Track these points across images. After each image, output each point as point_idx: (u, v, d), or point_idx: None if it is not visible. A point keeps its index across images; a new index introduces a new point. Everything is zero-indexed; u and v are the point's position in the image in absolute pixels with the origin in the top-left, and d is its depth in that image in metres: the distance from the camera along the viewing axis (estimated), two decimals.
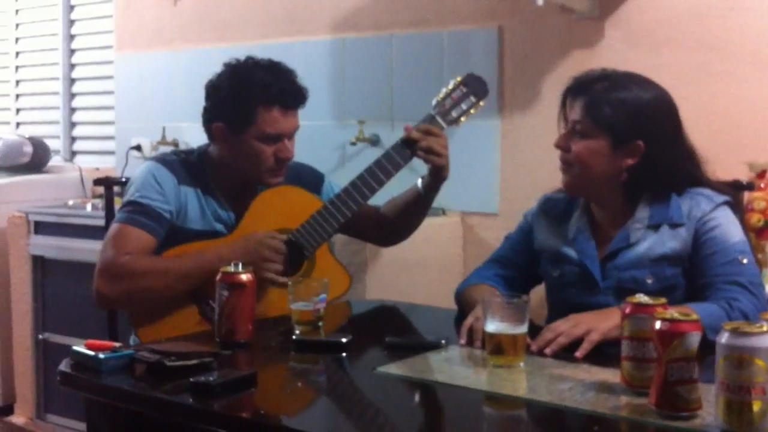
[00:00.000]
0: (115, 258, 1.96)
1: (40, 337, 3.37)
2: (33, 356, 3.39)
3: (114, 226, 2.03)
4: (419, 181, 2.11)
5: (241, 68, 2.08)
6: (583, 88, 1.82)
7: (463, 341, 1.69)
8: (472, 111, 2.10)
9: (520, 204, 2.27)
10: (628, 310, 1.42)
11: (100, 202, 3.31)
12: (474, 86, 2.09)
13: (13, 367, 3.45)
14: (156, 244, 2.01)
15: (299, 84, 2.09)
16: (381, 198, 2.18)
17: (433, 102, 2.09)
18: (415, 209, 2.17)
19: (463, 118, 2.09)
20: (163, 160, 2.10)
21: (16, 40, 4.44)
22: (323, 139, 3.25)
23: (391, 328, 2.04)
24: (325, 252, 2.12)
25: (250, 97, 2.02)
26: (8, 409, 3.49)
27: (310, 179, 2.22)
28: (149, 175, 2.05)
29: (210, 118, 2.09)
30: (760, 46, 2.53)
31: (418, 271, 2.79)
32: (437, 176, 2.06)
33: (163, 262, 1.99)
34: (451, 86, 2.09)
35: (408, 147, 2.04)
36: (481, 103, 2.10)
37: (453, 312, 1.95)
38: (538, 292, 2.00)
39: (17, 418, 3.44)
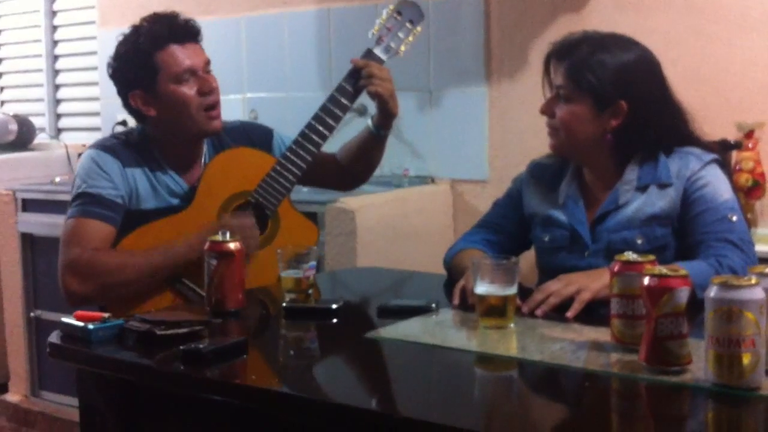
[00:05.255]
0: (81, 254, 1.93)
1: (32, 314, 3.37)
2: (25, 334, 3.38)
3: (70, 222, 1.98)
4: (369, 121, 2.11)
5: (127, 35, 2.06)
6: (564, 52, 1.81)
7: (456, 302, 1.69)
8: (410, 39, 2.06)
9: (510, 171, 2.26)
10: (616, 268, 1.42)
11: None
12: (409, 12, 2.06)
13: (6, 346, 3.45)
14: (115, 232, 1.97)
15: (185, 17, 2.06)
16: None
17: (370, 35, 2.05)
18: (370, 149, 2.15)
19: (402, 47, 2.06)
20: (103, 146, 2.05)
21: None
22: (310, 111, 3.20)
23: (382, 294, 2.04)
24: (288, 207, 2.08)
25: (144, 50, 2.00)
26: (2, 388, 3.49)
27: (258, 136, 2.19)
28: (92, 163, 2.00)
29: (124, 93, 2.05)
30: (749, 7, 2.52)
31: (408, 239, 2.79)
32: (385, 110, 2.05)
33: (132, 256, 1.95)
34: (384, 16, 2.06)
35: (352, 79, 2.02)
36: (419, 29, 2.07)
37: (443, 277, 1.95)
38: (530, 258, 2.00)
39: (12, 396, 3.45)
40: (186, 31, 2.04)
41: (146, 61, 2.00)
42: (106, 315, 1.57)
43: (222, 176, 2.05)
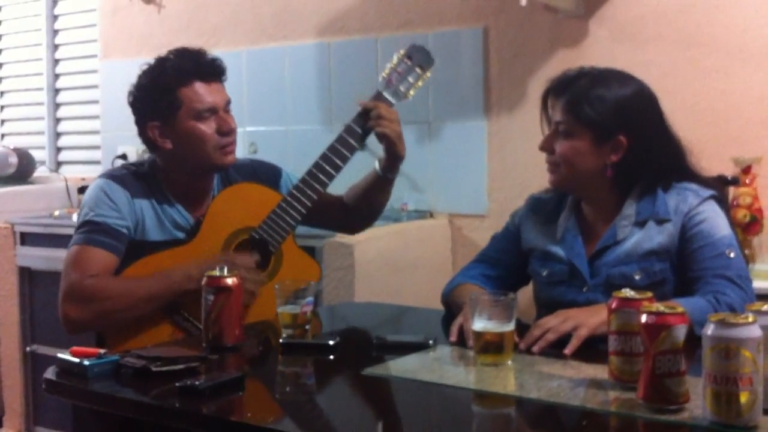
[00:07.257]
0: (81, 281, 1.93)
1: (28, 349, 3.36)
2: (21, 368, 3.37)
3: (73, 249, 1.98)
4: (377, 164, 2.11)
5: (152, 66, 2.07)
6: (562, 88, 1.82)
7: (453, 338, 1.68)
8: (419, 83, 2.08)
9: (509, 205, 2.27)
10: (614, 305, 1.42)
11: None
12: (418, 57, 2.08)
13: (2, 380, 3.43)
14: (118, 262, 1.98)
15: (212, 56, 2.08)
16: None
17: (380, 78, 2.08)
18: (376, 192, 2.15)
19: (411, 92, 2.08)
20: (112, 175, 2.07)
21: (0, 50, 4.43)
22: (311, 144, 3.21)
23: (379, 330, 2.03)
24: (292, 245, 2.09)
25: (168, 83, 2.01)
26: None
27: (267, 174, 2.20)
28: (101, 192, 2.02)
29: (142, 122, 2.07)
30: (746, 41, 2.54)
31: (407, 273, 2.79)
32: (392, 151, 2.05)
33: (130, 283, 1.96)
34: (395, 60, 2.08)
35: (361, 120, 2.03)
36: (428, 74, 2.09)
37: (441, 312, 1.95)
38: (528, 292, 1.99)
39: (6, 431, 3.43)
40: (212, 70, 2.06)
41: (169, 94, 2.01)
42: (102, 351, 1.57)
43: (227, 211, 2.06)
